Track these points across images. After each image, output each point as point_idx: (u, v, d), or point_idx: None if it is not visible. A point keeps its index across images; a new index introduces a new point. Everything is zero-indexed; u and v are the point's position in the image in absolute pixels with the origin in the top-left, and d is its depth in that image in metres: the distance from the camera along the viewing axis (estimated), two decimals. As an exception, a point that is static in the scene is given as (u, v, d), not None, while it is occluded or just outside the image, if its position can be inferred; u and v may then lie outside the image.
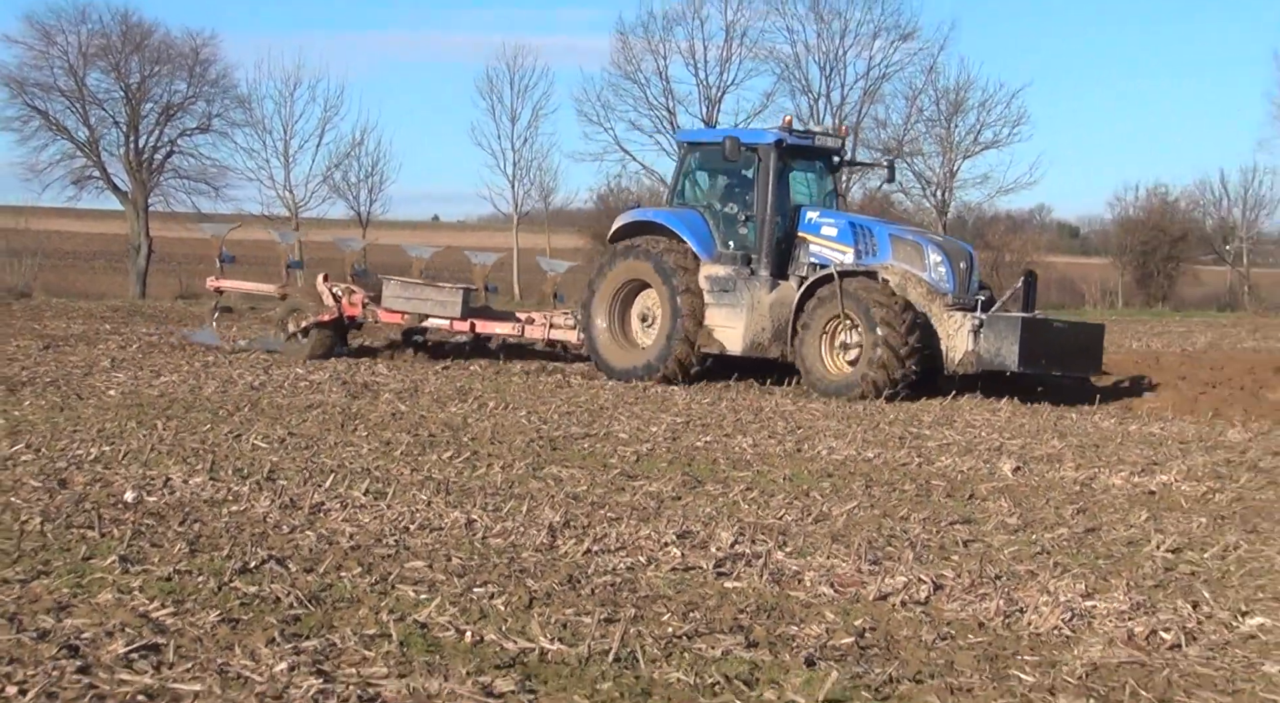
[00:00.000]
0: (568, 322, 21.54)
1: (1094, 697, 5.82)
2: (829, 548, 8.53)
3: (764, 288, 19.24)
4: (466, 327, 21.88)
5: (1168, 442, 14.75)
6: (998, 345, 17.60)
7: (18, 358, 19.21)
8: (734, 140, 19.11)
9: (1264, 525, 9.95)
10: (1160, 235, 62.87)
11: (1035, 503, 10.62)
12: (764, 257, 19.40)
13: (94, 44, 55.00)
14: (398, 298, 21.83)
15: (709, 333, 19.31)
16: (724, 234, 19.78)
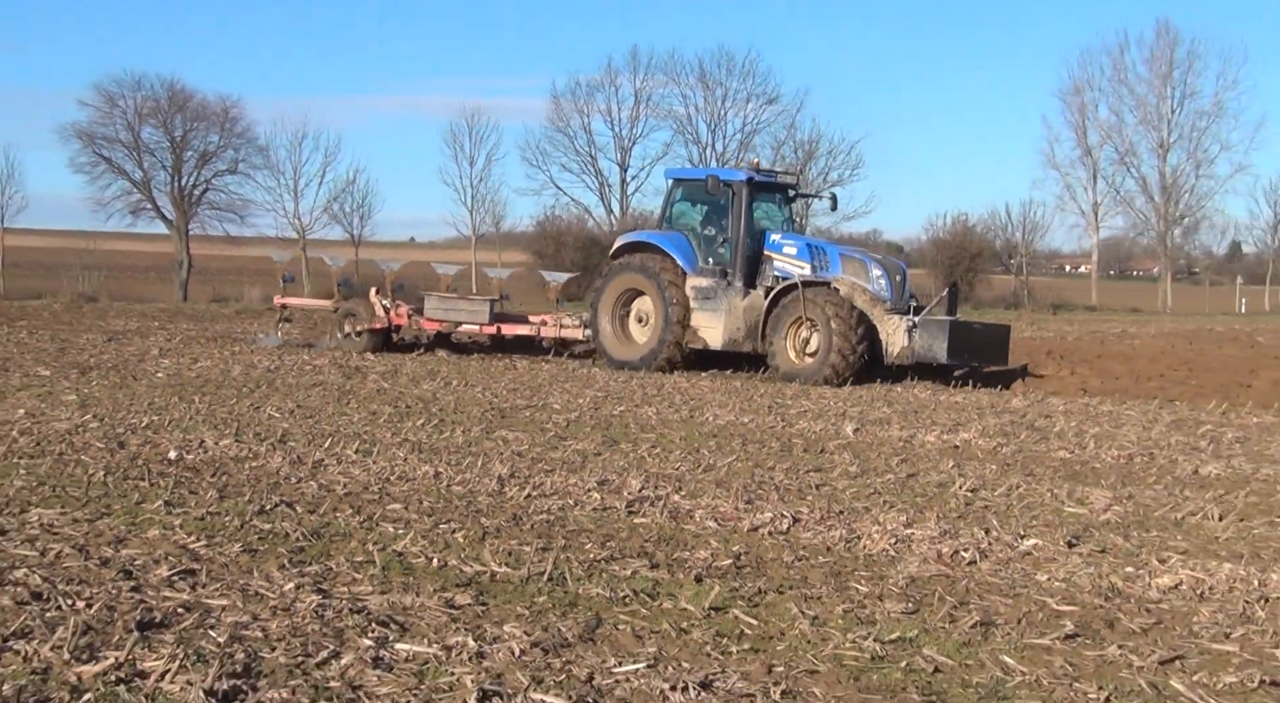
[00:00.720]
0: (574, 323, 20.82)
1: (911, 601, 5.84)
2: (714, 492, 8.51)
3: (738, 296, 18.83)
4: (494, 330, 21.22)
5: (969, 408, 14.86)
6: (930, 342, 17.40)
7: (87, 348, 18.88)
8: (715, 178, 19.04)
9: (1038, 470, 10.01)
10: (962, 252, 63.39)
11: (870, 456, 10.65)
12: (738, 271, 19.00)
13: (147, 106, 54.74)
14: (437, 309, 21.14)
15: (694, 332, 19.01)
16: (705, 252, 19.34)
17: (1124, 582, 6.26)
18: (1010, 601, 5.93)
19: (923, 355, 17.50)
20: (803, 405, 14.59)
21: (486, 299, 21.44)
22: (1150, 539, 7.34)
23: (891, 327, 17.72)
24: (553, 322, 21.04)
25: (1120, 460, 10.63)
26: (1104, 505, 8.38)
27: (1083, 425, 13.09)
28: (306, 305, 24.28)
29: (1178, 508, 8.32)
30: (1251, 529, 7.68)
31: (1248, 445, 11.66)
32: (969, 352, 17.95)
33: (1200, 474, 9.92)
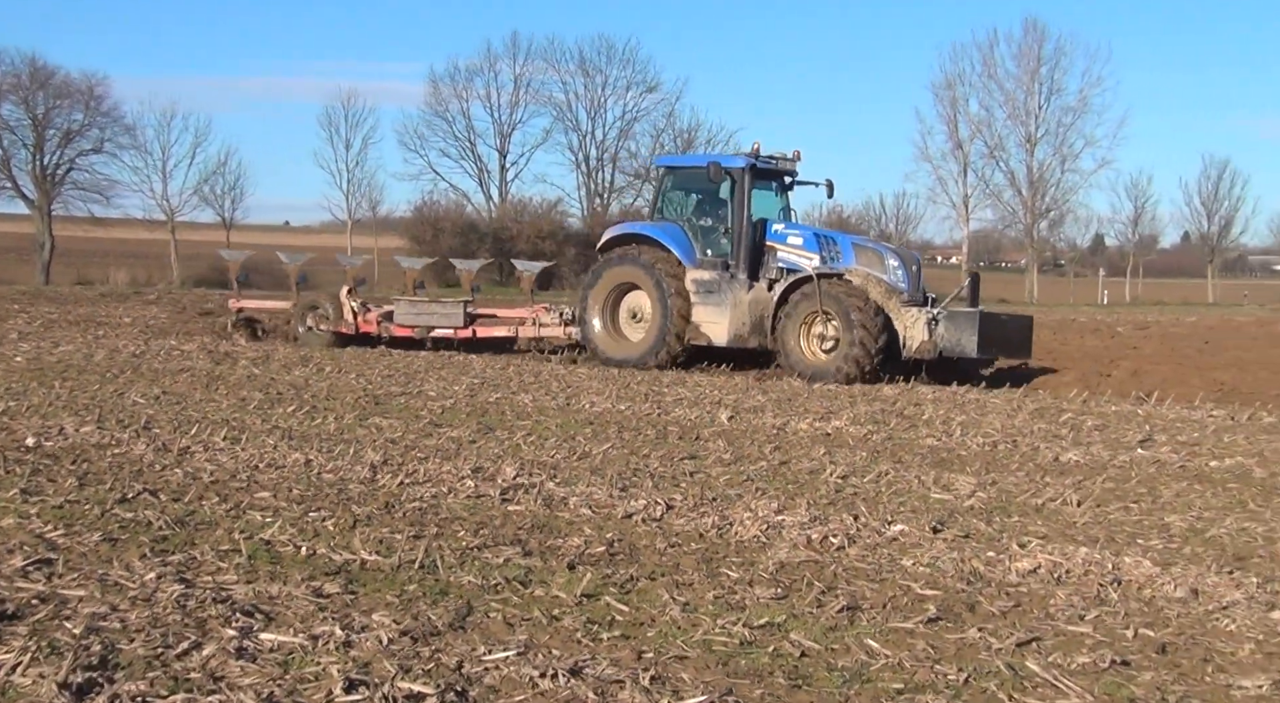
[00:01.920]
0: (553, 320, 19.89)
1: (781, 587, 5.91)
2: (589, 479, 8.52)
3: (743, 289, 17.91)
4: (470, 333, 20.17)
5: (841, 396, 15.08)
6: (958, 336, 16.48)
7: (-61, 332, 18.23)
8: (717, 165, 18.06)
9: (906, 457, 10.20)
10: (839, 241, 64.39)
11: (744, 443, 10.75)
12: (741, 263, 18.03)
13: (7, 81, 53.26)
14: (408, 314, 20.22)
15: (696, 328, 18.04)
16: (702, 244, 18.33)
17: (985, 566, 6.40)
18: (876, 585, 6.03)
19: (950, 349, 16.67)
20: (679, 393, 14.67)
21: (459, 301, 20.45)
22: (1011, 524, 7.52)
23: (910, 319, 16.80)
24: (531, 321, 20.06)
25: (985, 448, 10.87)
26: (968, 492, 8.56)
27: (950, 414, 13.37)
28: (263, 308, 22.45)
29: (1038, 494, 8.54)
30: (1107, 514, 7.91)
31: (1106, 433, 12.02)
32: (998, 345, 17.12)
33: (1060, 461, 10.20)
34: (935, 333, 16.57)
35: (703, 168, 18.59)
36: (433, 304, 20.49)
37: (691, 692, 4.37)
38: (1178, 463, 10.17)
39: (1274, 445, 11.31)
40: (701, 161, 19.03)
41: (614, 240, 19.25)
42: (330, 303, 20.57)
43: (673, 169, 19.79)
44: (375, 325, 20.30)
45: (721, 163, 18.25)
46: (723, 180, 18.09)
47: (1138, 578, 6.17)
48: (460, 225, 54.69)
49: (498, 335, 20.23)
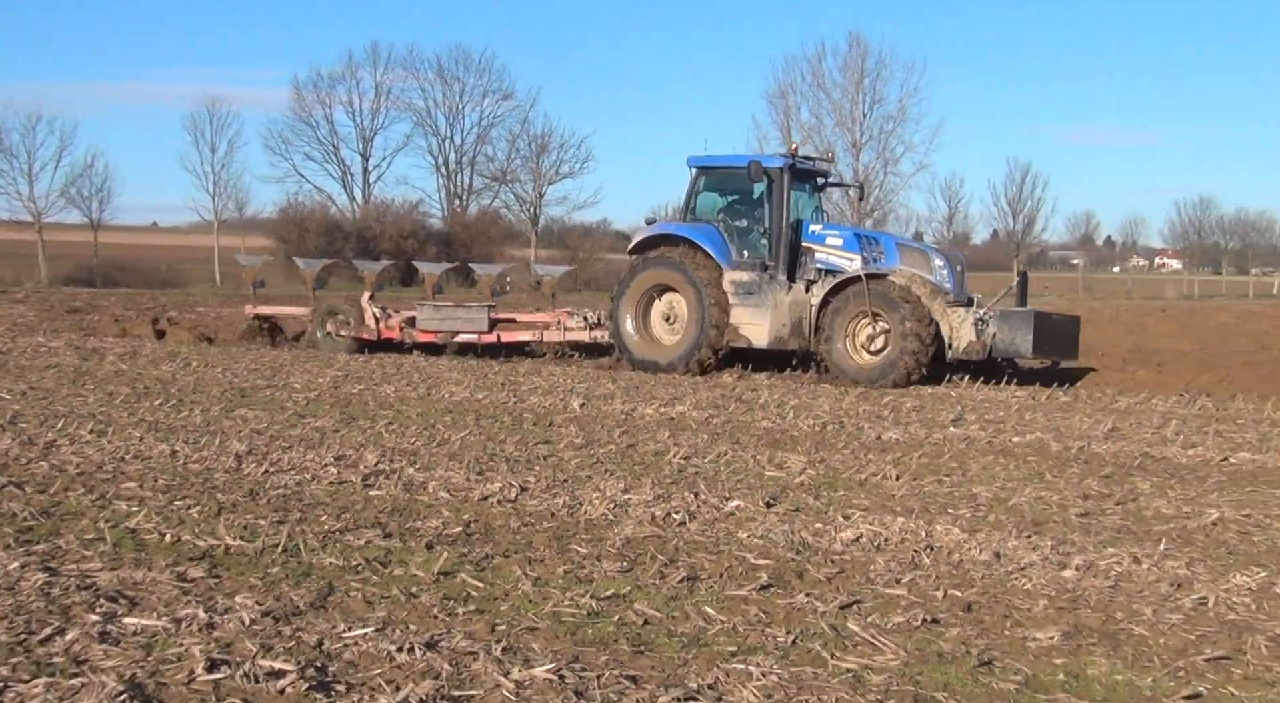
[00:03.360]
0: (579, 324, 18.44)
1: (626, 561, 5.94)
2: (447, 464, 8.45)
3: (783, 290, 16.46)
4: (494, 338, 18.66)
5: (684, 384, 15.21)
6: (1012, 336, 15.28)
7: None
8: (757, 164, 16.48)
9: (744, 438, 10.33)
10: (683, 240, 64.87)
11: (594, 428, 10.77)
12: (780, 264, 16.58)
13: None
14: (431, 320, 18.60)
15: (735, 330, 16.51)
16: (738, 245, 16.88)
17: (813, 536, 6.53)
18: (714, 557, 6.09)
19: (1004, 350, 15.57)
20: (534, 382, 14.63)
21: (484, 306, 18.88)
22: (837, 498, 7.67)
23: (957, 320, 15.59)
24: (555, 326, 18.63)
25: (815, 429, 11.07)
26: (799, 469, 8.71)
27: (784, 398, 13.58)
28: (280, 314, 20.77)
29: (862, 470, 8.72)
30: (922, 487, 8.12)
31: (923, 413, 12.35)
32: (1050, 345, 15.94)
33: (882, 440, 10.44)
34: (985, 333, 15.41)
35: (737, 168, 17.21)
36: (457, 309, 18.88)
37: (541, 660, 4.37)
38: (985, 439, 10.50)
39: (1069, 422, 11.75)
40: (736, 161, 17.37)
41: (646, 242, 17.61)
42: (351, 308, 19.01)
43: (706, 169, 17.84)
44: (398, 331, 18.75)
45: (762, 163, 16.73)
46: (762, 180, 16.71)
47: (948, 544, 6.34)
48: (325, 226, 53.54)
49: (522, 340, 18.83)
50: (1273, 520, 7.15)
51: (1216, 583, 5.64)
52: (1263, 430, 11.35)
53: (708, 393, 13.91)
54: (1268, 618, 5.16)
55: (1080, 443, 10.28)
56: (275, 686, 4.05)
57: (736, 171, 17.15)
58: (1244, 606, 5.33)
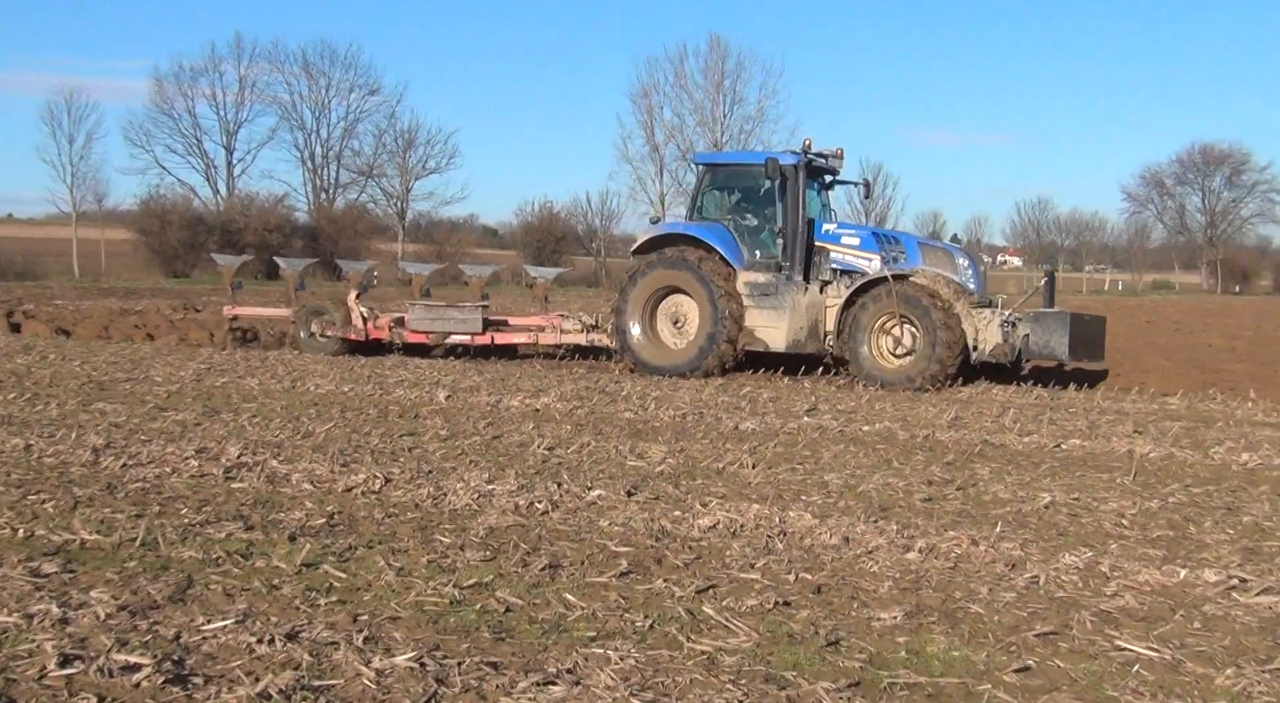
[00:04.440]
0: (575, 326, 17.61)
1: (490, 550, 5.91)
2: (311, 456, 8.30)
3: (800, 292, 15.61)
4: (488, 339, 17.70)
5: (549, 376, 15.19)
6: (1046, 338, 14.42)
7: None
8: (775, 161, 15.50)
9: (606, 429, 10.37)
10: (549, 235, 64.89)
11: (460, 420, 10.69)
12: (796, 264, 15.71)
13: None
14: (423, 320, 17.60)
15: (751, 332, 15.64)
16: (749, 245, 16.01)
17: (672, 524, 6.58)
18: (576, 545, 6.10)
19: (1038, 352, 14.69)
20: (400, 375, 14.46)
21: (477, 306, 17.86)
22: (696, 486, 7.75)
23: (982, 322, 14.80)
24: (551, 328, 17.75)
25: (675, 419, 11.17)
26: (660, 458, 8.77)
27: (646, 390, 13.66)
28: (260, 316, 19.65)
29: (719, 459, 8.82)
30: (777, 475, 8.25)
31: (778, 404, 12.54)
32: (1084, 347, 14.96)
33: (739, 430, 10.57)
34: (1014, 335, 14.67)
35: (747, 165, 16.53)
36: (449, 309, 17.81)
37: (403, 649, 4.33)
38: (837, 429, 10.71)
39: (915, 412, 12.06)
40: (746, 159, 16.70)
41: (653, 241, 16.54)
42: (337, 308, 17.93)
43: (713, 166, 17.08)
44: (387, 331, 17.85)
45: (779, 160, 15.74)
46: (778, 177, 15.75)
47: (800, 529, 6.45)
48: (188, 218, 52.02)
49: (516, 342, 18.02)
50: (1100, 503, 7.44)
51: (1047, 563, 5.85)
52: (1092, 419, 11.80)
53: (572, 385, 13.91)
54: (1093, 595, 5.37)
55: (925, 432, 10.55)
56: (130, 680, 3.93)
57: (746, 169, 16.49)
58: (1072, 584, 5.54)
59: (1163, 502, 7.54)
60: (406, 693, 3.94)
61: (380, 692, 3.95)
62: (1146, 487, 8.08)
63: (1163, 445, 9.91)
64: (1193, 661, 4.50)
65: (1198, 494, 7.85)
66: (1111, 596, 5.35)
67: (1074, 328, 14.52)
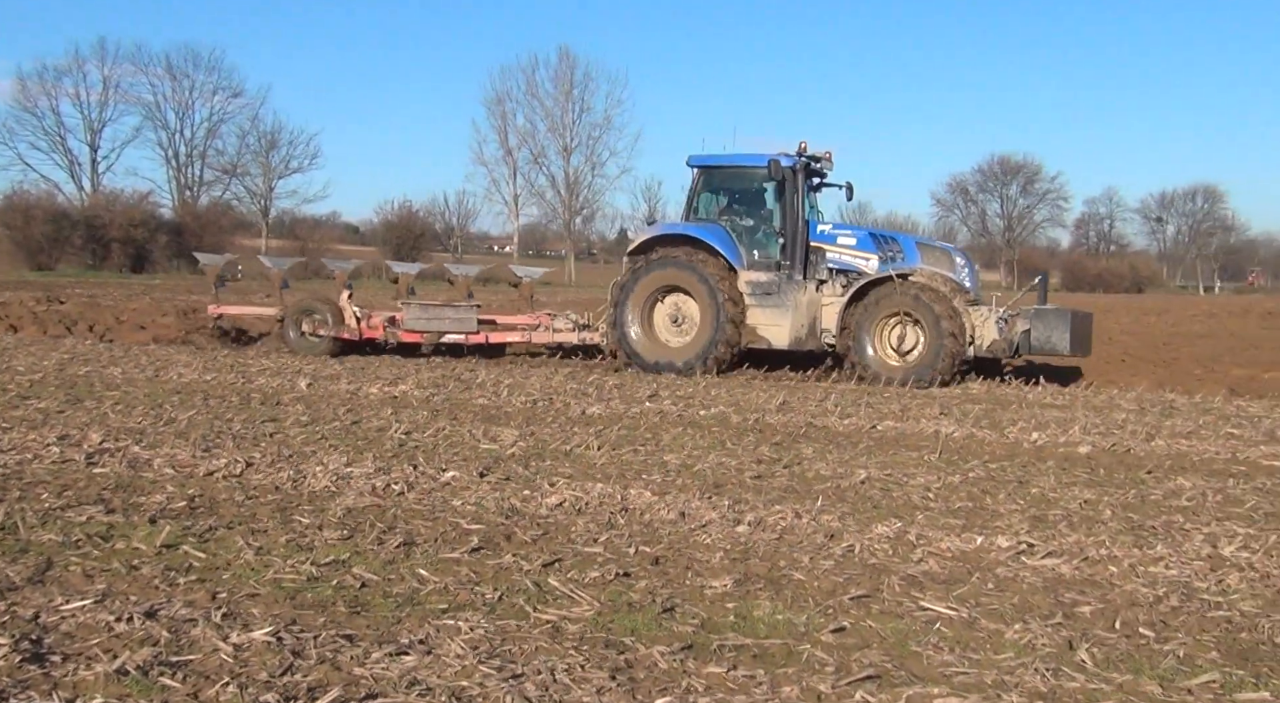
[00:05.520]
0: (566, 325, 16.70)
1: (347, 529, 5.81)
2: (173, 442, 8.02)
3: (800, 291, 15.09)
4: (482, 339, 16.64)
5: (406, 365, 14.94)
6: (1048, 334, 14.11)
7: None
8: (777, 162, 14.92)
9: (461, 415, 10.27)
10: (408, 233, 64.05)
11: (320, 406, 10.46)
12: (797, 263, 15.16)
13: None
14: (418, 319, 16.38)
15: (753, 331, 15.08)
16: (747, 245, 15.41)
17: (521, 503, 6.56)
18: (430, 523, 6.04)
19: (1039, 348, 14.32)
20: (263, 365, 14.07)
21: (472, 306, 16.84)
22: (545, 467, 7.73)
23: (979, 319, 14.43)
24: (544, 326, 16.77)
25: (527, 405, 11.12)
26: (511, 442, 8.72)
27: (500, 378, 13.57)
28: (245, 314, 18.10)
29: (568, 441, 8.83)
30: (620, 456, 8.29)
31: (623, 391, 12.60)
32: (1078, 341, 14.52)
33: (586, 414, 10.59)
34: (1013, 332, 14.32)
35: (742, 167, 15.82)
36: (444, 309, 16.70)
37: (260, 624, 4.22)
38: (676, 413, 10.82)
39: (748, 397, 12.27)
40: (741, 161, 15.85)
41: (650, 242, 15.79)
42: (328, 308, 16.50)
43: (708, 168, 16.05)
44: (381, 331, 16.56)
45: (780, 161, 15.12)
46: (781, 178, 15.18)
47: (640, 506, 6.50)
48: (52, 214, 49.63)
49: (510, 341, 16.87)
50: (909, 478, 7.68)
51: (862, 533, 6.02)
52: (904, 402, 12.18)
53: (429, 373, 13.74)
54: (901, 561, 5.55)
55: (756, 415, 10.74)
56: (-13, 661, 3.74)
57: (741, 171, 15.88)
58: (883, 551, 5.71)
59: (963, 476, 7.83)
60: (263, 666, 3.84)
61: (237, 665, 3.85)
62: (950, 463, 8.38)
63: (965, 426, 10.28)
64: (986, 618, 4.68)
65: (994, 469, 8.17)
66: (917, 561, 5.53)
67: (1074, 324, 14.30)
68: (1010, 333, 14.37)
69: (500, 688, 3.72)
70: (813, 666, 4.08)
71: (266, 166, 63.68)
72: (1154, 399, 12.99)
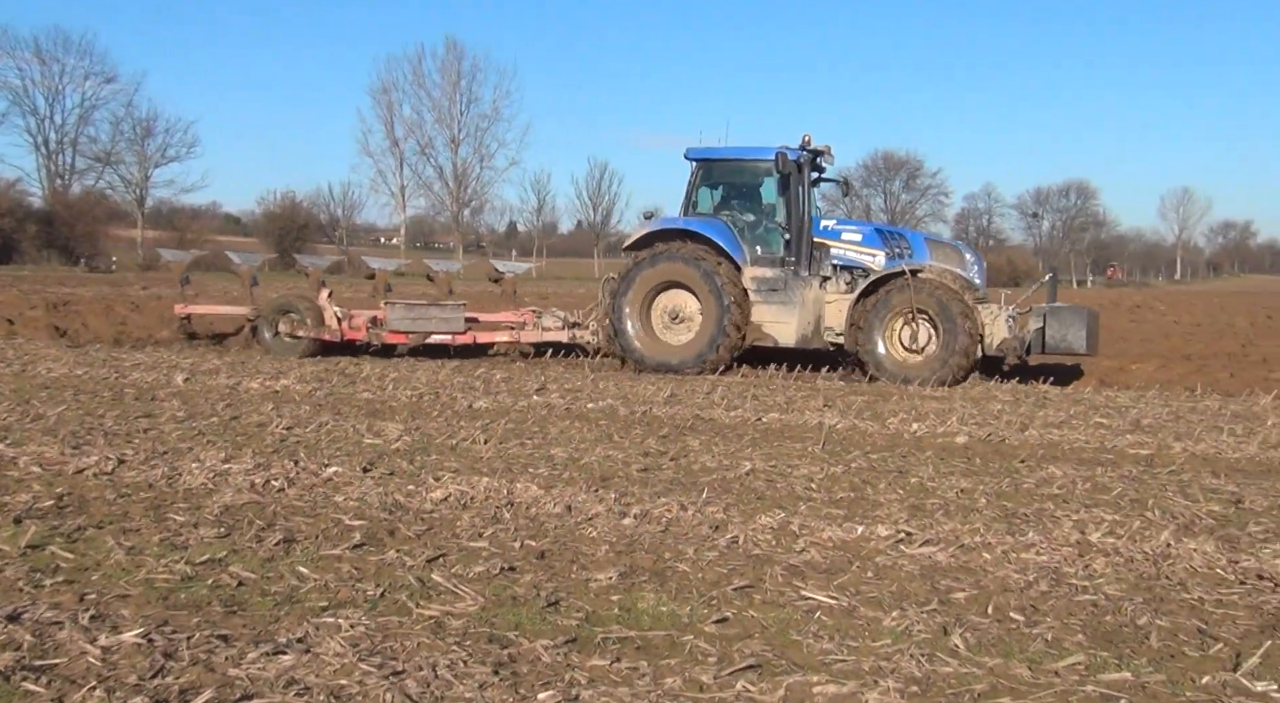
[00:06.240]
0: (555, 323, 16.08)
1: (224, 527, 5.67)
2: (40, 439, 7.74)
3: (807, 288, 14.70)
4: (470, 339, 15.93)
5: (289, 359, 14.65)
6: (1064, 332, 13.78)
7: None
8: (785, 155, 14.50)
9: (345, 409, 10.11)
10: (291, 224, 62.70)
11: (198, 401, 10.20)
12: (804, 260, 14.77)
13: None
14: (403, 319, 15.60)
15: (759, 328, 14.67)
16: (749, 240, 14.97)
17: (406, 498, 6.48)
18: (311, 520, 5.93)
19: (1055, 347, 13.94)
20: (137, 359, 13.69)
21: (459, 305, 16.09)
22: (430, 462, 7.66)
23: (989, 317, 14.08)
24: (532, 323, 16.05)
25: (413, 399, 11.00)
26: (396, 436, 8.62)
27: (385, 371, 13.39)
28: (215, 314, 16.98)
29: (454, 435, 8.75)
30: (507, 449, 8.25)
31: (511, 384, 12.54)
32: (1093, 341, 14.18)
33: (473, 408, 10.52)
34: (1026, 329, 14.04)
35: (742, 160, 15.36)
36: (431, 308, 15.91)
37: (130, 626, 4.09)
38: (564, 406, 10.81)
39: (635, 390, 12.31)
40: (741, 154, 15.36)
41: (648, 238, 15.25)
42: (306, 307, 15.63)
43: (707, 161, 15.51)
44: (364, 331, 15.73)
45: (788, 155, 14.68)
46: (787, 171, 14.71)
47: (526, 500, 6.48)
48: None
49: (498, 341, 16.18)
50: (793, 469, 7.80)
51: (746, 524, 6.09)
52: (789, 395, 12.36)
53: (312, 367, 13.50)
54: (784, 551, 5.63)
55: (644, 408, 10.79)
56: None
57: (743, 164, 15.40)
58: (766, 542, 5.78)
59: (846, 467, 7.98)
60: (133, 669, 3.73)
61: (105, 668, 3.73)
62: (833, 454, 8.53)
63: (848, 417, 10.48)
64: (865, 605, 4.78)
65: (875, 460, 8.34)
66: (800, 551, 5.62)
67: (1090, 322, 14.03)
68: (1021, 331, 14.12)
69: (380, 686, 3.67)
70: (695, 656, 4.11)
71: (141, 155, 61.71)
72: (1028, 390, 13.40)
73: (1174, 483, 7.62)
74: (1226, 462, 8.59)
